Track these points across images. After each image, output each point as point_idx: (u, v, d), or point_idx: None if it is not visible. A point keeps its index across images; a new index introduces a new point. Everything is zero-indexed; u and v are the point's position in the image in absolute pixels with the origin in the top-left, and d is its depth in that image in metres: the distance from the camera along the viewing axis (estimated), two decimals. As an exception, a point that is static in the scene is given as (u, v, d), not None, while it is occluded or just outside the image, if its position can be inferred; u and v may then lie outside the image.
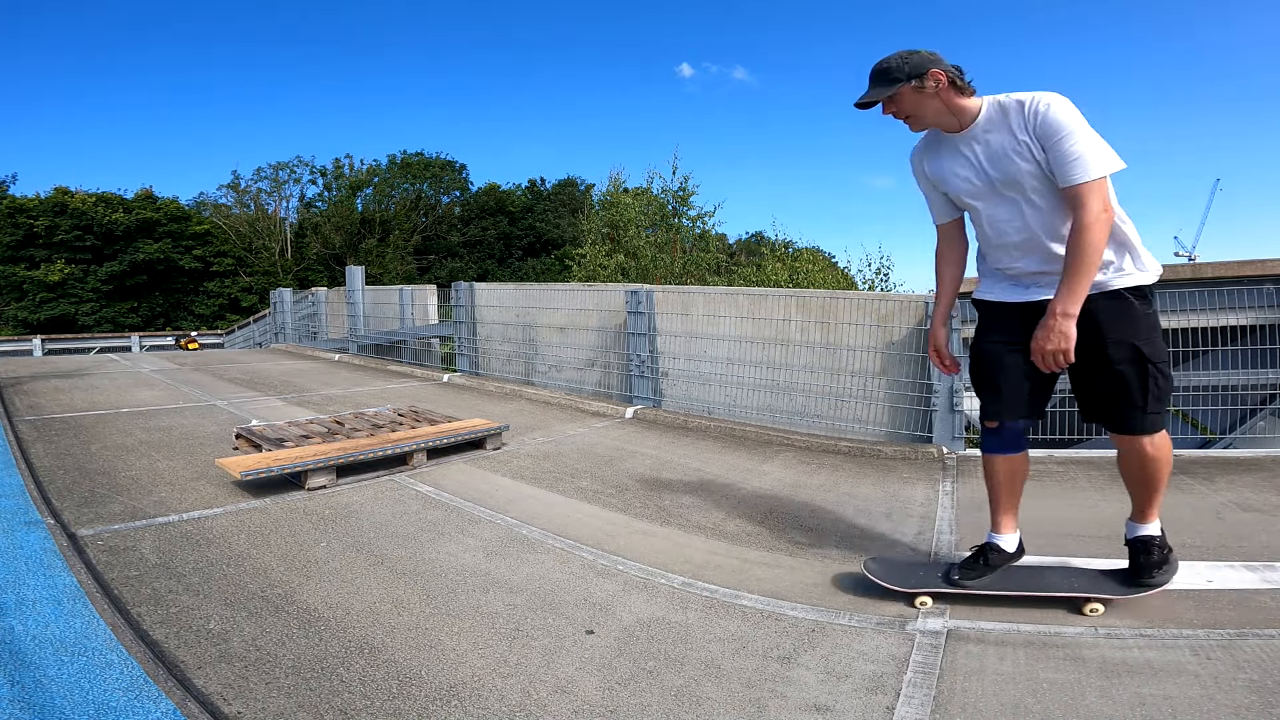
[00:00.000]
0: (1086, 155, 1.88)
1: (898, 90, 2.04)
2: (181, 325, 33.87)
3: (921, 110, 2.08)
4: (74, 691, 1.51)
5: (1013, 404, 2.17)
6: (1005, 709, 1.65)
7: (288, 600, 2.13)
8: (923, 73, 2.01)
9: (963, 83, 2.03)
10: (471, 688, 1.71)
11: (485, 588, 2.30)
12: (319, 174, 43.83)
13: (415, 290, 10.02)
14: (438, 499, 3.24)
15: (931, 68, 2.01)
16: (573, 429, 5.03)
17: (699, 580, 2.43)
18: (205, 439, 4.26)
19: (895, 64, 2.04)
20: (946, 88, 2.02)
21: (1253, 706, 1.61)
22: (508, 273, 43.55)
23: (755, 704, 1.68)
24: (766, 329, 5.68)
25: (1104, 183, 1.90)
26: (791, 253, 19.43)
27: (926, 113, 2.08)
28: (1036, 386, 2.18)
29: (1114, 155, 1.91)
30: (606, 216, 18.37)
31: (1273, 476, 3.61)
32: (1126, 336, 1.99)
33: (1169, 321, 4.62)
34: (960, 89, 2.03)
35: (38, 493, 2.93)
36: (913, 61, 2.03)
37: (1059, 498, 3.42)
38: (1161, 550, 2.17)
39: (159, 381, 6.94)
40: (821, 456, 4.41)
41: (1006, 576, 2.23)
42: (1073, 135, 1.89)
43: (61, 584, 2.03)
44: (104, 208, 34.31)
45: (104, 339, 21.49)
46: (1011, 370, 2.14)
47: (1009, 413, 2.17)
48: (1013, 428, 2.20)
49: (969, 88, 2.04)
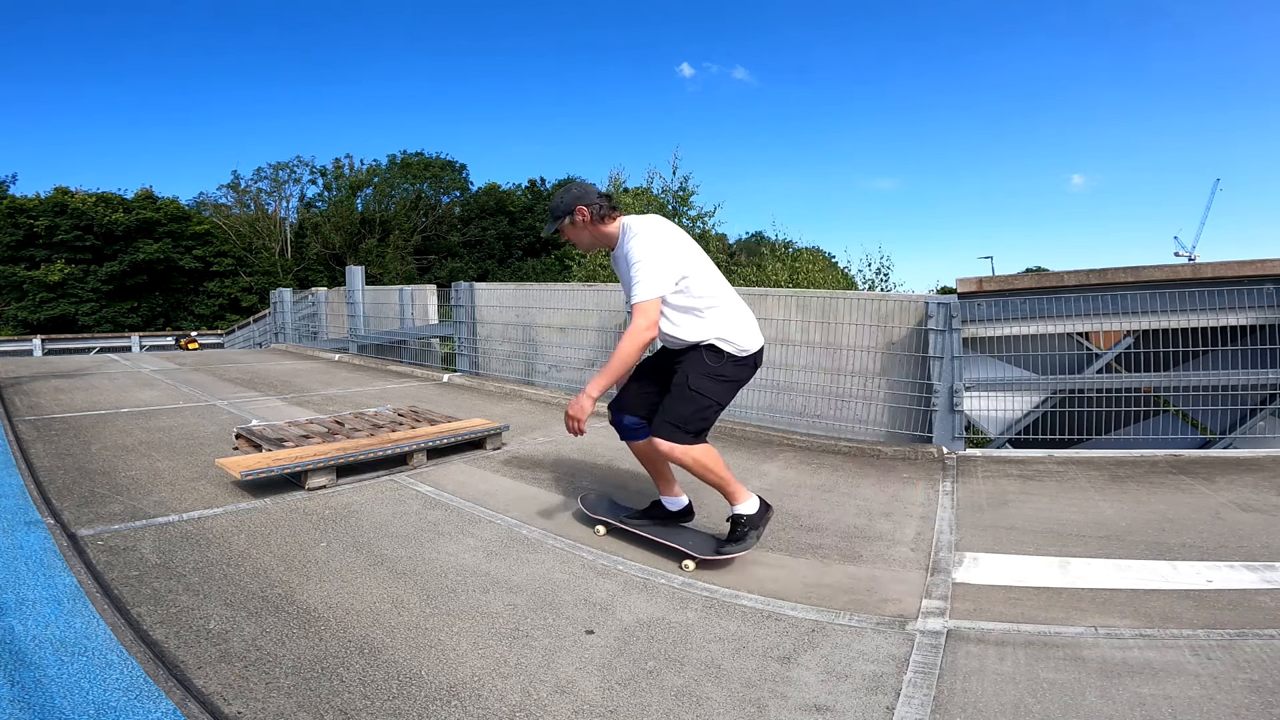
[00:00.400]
0: (640, 283, 2.37)
1: (559, 225, 2.58)
2: (181, 325, 33.86)
3: (578, 238, 2.60)
4: (74, 691, 1.51)
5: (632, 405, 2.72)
6: (1005, 709, 1.65)
7: (288, 600, 2.13)
8: (571, 210, 2.53)
9: (606, 211, 2.52)
10: (471, 688, 1.71)
11: (485, 588, 2.30)
12: (319, 174, 43.87)
13: (415, 290, 10.02)
14: (438, 499, 3.24)
15: (578, 204, 2.52)
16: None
17: (699, 580, 2.43)
18: (205, 439, 4.26)
19: (557, 202, 2.59)
20: (589, 221, 2.52)
21: (1253, 706, 1.61)
22: (508, 273, 43.55)
23: (755, 704, 1.68)
24: (766, 329, 5.62)
25: (649, 304, 2.37)
26: (791, 253, 19.41)
27: (583, 239, 2.60)
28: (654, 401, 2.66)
29: (661, 283, 2.39)
30: (607, 216, 18.31)
31: (1273, 476, 3.61)
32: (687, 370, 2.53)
33: (1169, 321, 4.62)
34: (602, 219, 2.52)
35: (38, 493, 2.93)
36: (565, 200, 2.55)
37: (1059, 498, 3.42)
38: (742, 528, 2.59)
39: (159, 381, 6.94)
40: (821, 456, 4.41)
41: (655, 525, 2.81)
42: (636, 265, 2.39)
43: (61, 584, 2.03)
44: (104, 208, 34.30)
45: (104, 339, 21.48)
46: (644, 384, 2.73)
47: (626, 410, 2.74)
48: (630, 423, 2.73)
49: (612, 215, 2.54)
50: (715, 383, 2.52)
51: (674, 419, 2.49)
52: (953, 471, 4.01)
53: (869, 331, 5.24)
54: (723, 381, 2.54)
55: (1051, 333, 5.12)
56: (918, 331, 5.00)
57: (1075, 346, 5.15)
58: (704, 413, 2.52)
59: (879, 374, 5.20)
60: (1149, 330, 4.78)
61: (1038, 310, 5.06)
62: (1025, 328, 5.13)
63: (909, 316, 5.12)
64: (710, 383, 2.51)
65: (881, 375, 5.19)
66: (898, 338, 5.15)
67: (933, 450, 4.45)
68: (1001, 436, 5.15)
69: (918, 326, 5.01)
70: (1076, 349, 5.15)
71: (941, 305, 4.75)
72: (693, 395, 2.48)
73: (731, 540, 2.57)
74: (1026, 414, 5.09)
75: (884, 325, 5.20)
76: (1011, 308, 5.10)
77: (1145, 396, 4.75)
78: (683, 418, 2.49)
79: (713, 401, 2.52)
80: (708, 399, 2.50)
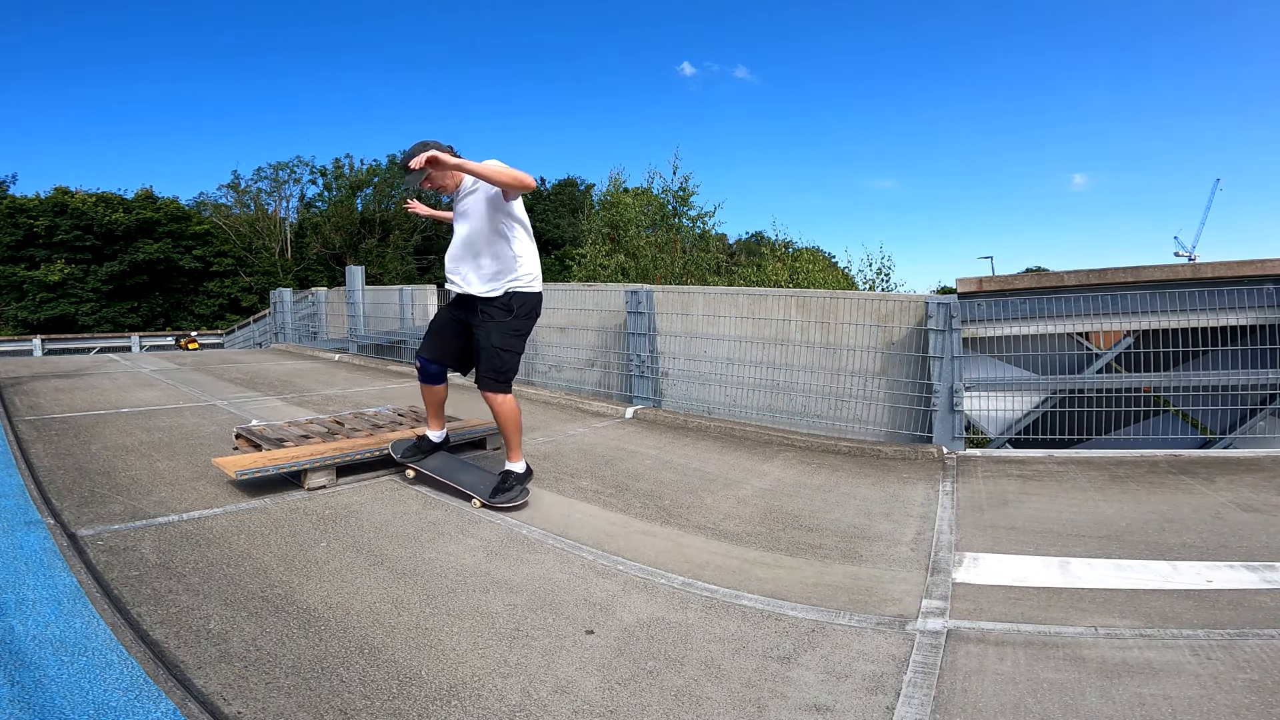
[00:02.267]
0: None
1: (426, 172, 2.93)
2: (181, 325, 33.84)
3: (445, 182, 3.06)
4: (74, 691, 1.51)
5: (435, 351, 3.28)
6: (1005, 709, 1.65)
7: (288, 600, 2.13)
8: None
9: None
10: (471, 688, 1.71)
11: (485, 588, 2.30)
12: (319, 174, 43.78)
13: (415, 290, 10.02)
14: (438, 499, 3.24)
15: (437, 146, 2.90)
16: (573, 429, 5.03)
17: (699, 580, 2.43)
18: (205, 439, 4.26)
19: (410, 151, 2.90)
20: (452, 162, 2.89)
21: (1253, 706, 1.61)
22: (507, 273, 43.46)
23: (755, 704, 1.68)
24: (766, 329, 5.68)
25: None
26: (791, 253, 19.40)
27: (448, 184, 3.06)
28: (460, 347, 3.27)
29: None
30: (606, 216, 18.34)
31: (1273, 476, 3.61)
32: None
33: (1169, 321, 4.62)
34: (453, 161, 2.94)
35: (38, 493, 2.93)
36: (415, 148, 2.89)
37: (1059, 498, 3.42)
38: (510, 481, 3.15)
39: (159, 381, 6.93)
40: (821, 456, 4.41)
41: (444, 466, 3.42)
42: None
43: (61, 584, 2.03)
44: (104, 208, 34.27)
45: (104, 339, 21.49)
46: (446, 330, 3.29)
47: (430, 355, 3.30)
48: (433, 368, 3.32)
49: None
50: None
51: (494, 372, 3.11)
52: (953, 471, 4.01)
53: (869, 331, 5.24)
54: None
55: (1051, 333, 5.12)
56: (918, 331, 5.00)
57: (1075, 346, 5.15)
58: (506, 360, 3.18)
59: (879, 374, 5.20)
60: (1149, 330, 4.78)
61: (1038, 310, 5.06)
62: (1025, 328, 5.13)
63: (909, 316, 5.12)
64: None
65: (881, 375, 5.19)
66: (898, 338, 5.15)
67: (933, 450, 4.45)
68: (1001, 436, 5.15)
69: (918, 326, 5.01)
70: (1076, 349, 5.15)
71: (941, 305, 4.75)
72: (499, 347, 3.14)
73: (504, 489, 3.12)
74: (1026, 414, 5.09)
75: (884, 325, 5.21)
76: (1011, 308, 5.10)
77: (1145, 396, 4.75)
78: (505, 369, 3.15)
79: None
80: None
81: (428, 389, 3.38)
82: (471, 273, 3.10)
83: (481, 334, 3.08)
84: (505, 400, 3.13)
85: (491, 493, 3.10)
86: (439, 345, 3.27)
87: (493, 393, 3.11)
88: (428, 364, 3.30)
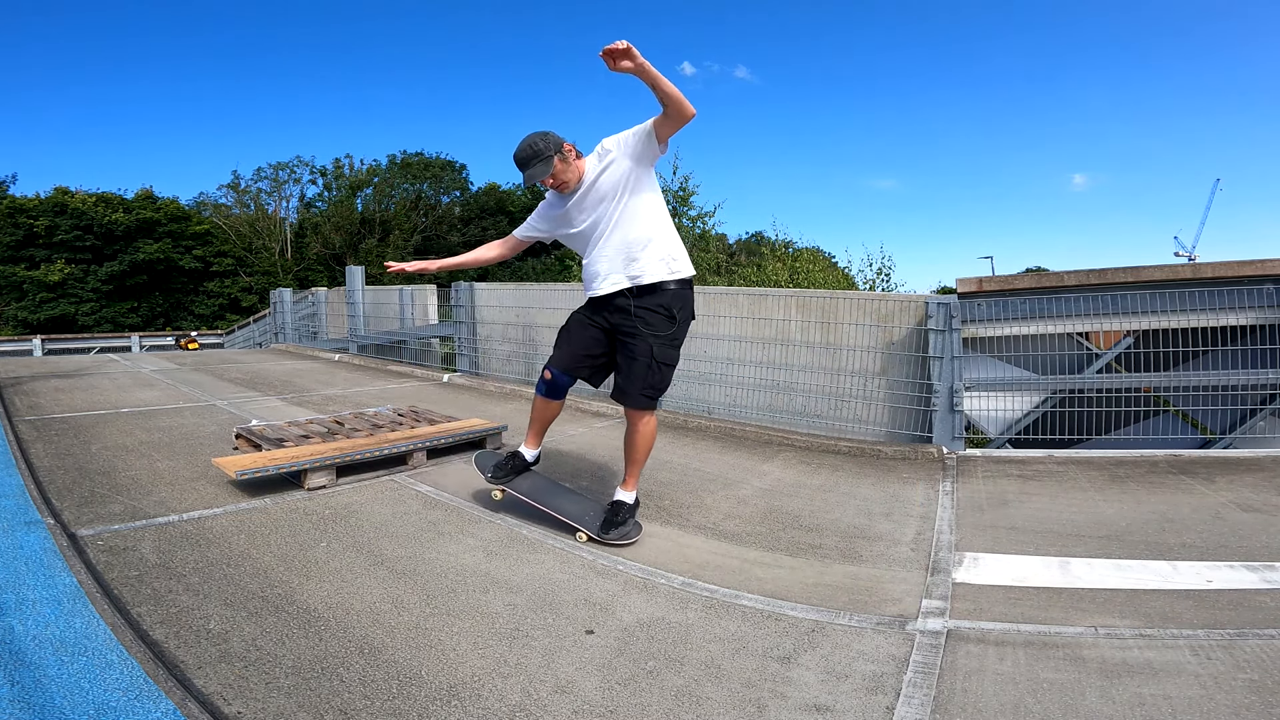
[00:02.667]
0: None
1: (551, 165, 2.62)
2: (181, 325, 33.84)
3: (568, 177, 2.69)
4: (74, 691, 1.51)
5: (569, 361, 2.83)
6: (1005, 709, 1.65)
7: (288, 600, 2.13)
8: (560, 147, 2.64)
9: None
10: (471, 688, 1.71)
11: (485, 588, 2.30)
12: (319, 174, 43.78)
13: (415, 290, 10.02)
14: (438, 499, 3.24)
15: (562, 142, 2.66)
16: (573, 429, 5.02)
17: (699, 580, 2.43)
18: (205, 439, 4.26)
19: (537, 145, 2.63)
20: (576, 156, 2.71)
21: (1253, 706, 1.61)
22: (507, 273, 43.46)
23: (755, 704, 1.68)
24: (766, 329, 5.68)
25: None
26: (791, 253, 19.41)
27: (571, 177, 2.70)
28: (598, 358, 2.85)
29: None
30: (606, 216, 18.30)
31: (1273, 476, 3.61)
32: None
33: (1169, 321, 4.62)
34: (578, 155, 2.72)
35: (38, 493, 2.93)
36: (548, 141, 2.63)
37: (1059, 498, 3.42)
38: (623, 514, 2.79)
39: (159, 381, 6.93)
40: (821, 456, 4.41)
41: (536, 490, 2.96)
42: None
43: (61, 584, 2.03)
44: (104, 208, 34.27)
45: (104, 339, 21.48)
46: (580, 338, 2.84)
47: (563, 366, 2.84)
48: (564, 381, 2.84)
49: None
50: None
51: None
52: (953, 471, 4.01)
53: (869, 331, 5.24)
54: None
55: (1051, 333, 5.12)
56: (918, 331, 5.00)
57: (1075, 346, 5.15)
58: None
59: (879, 374, 5.20)
60: (1149, 330, 4.78)
61: (1038, 310, 5.06)
62: (1025, 328, 5.13)
63: (909, 316, 5.12)
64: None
65: (881, 375, 5.19)
66: (898, 338, 5.15)
67: (933, 450, 4.45)
68: (1001, 436, 5.15)
69: (918, 326, 5.01)
70: (1076, 349, 5.15)
71: (941, 305, 4.75)
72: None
73: (616, 524, 2.77)
74: (1026, 414, 5.09)
75: (884, 325, 5.21)
76: (1011, 308, 5.10)
77: (1145, 396, 4.75)
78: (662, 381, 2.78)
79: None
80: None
81: (546, 403, 2.90)
82: (619, 269, 2.68)
83: (638, 345, 2.67)
84: (651, 421, 2.77)
85: (602, 526, 2.74)
86: (574, 356, 2.82)
87: (644, 411, 2.73)
88: (560, 376, 2.82)
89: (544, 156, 2.61)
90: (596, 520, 2.77)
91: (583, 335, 2.82)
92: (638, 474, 2.85)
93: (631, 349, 2.69)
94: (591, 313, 2.83)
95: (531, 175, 2.64)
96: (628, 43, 2.23)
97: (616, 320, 2.74)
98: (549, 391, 2.86)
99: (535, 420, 2.95)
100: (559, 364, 2.81)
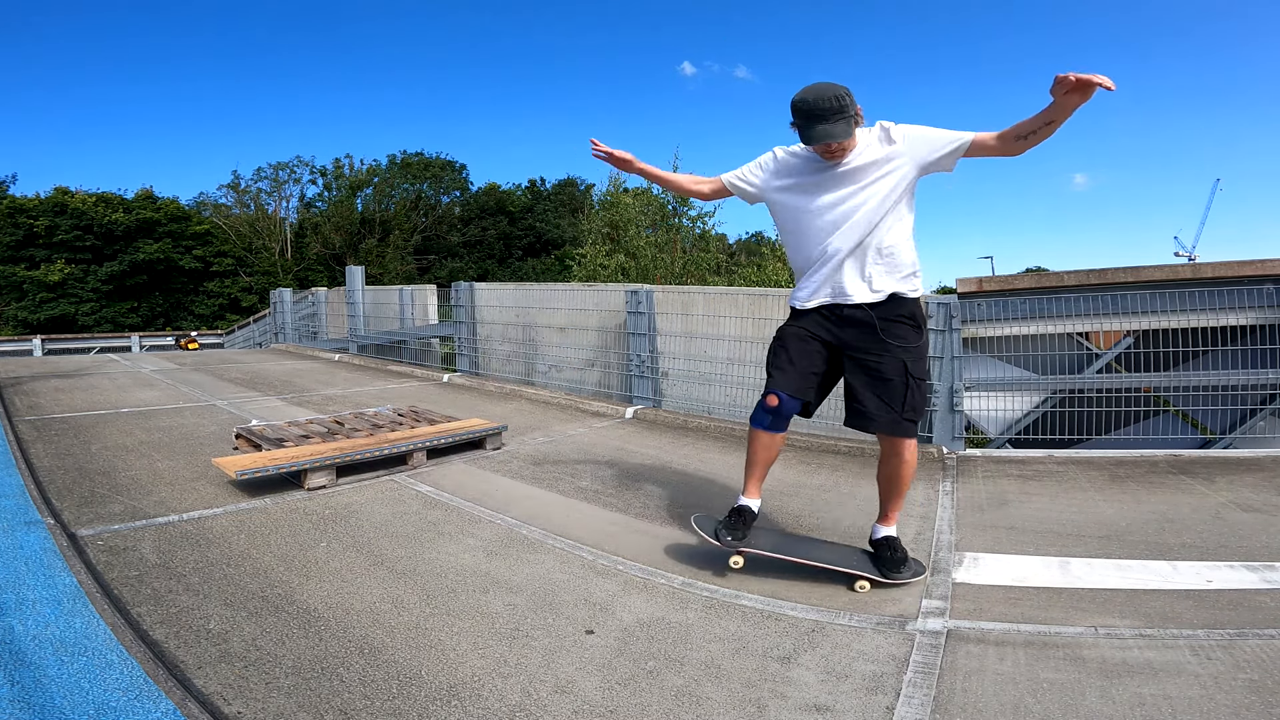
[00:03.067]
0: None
1: (849, 128, 2.19)
2: (181, 325, 33.84)
3: (849, 145, 2.27)
4: (74, 691, 1.51)
5: (798, 384, 2.39)
6: (1005, 709, 1.65)
7: (288, 600, 2.13)
8: (855, 108, 2.19)
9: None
10: (471, 688, 1.71)
11: (485, 588, 2.30)
12: (319, 174, 43.80)
13: (415, 290, 10.02)
14: (437, 499, 3.24)
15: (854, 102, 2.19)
16: (573, 429, 5.03)
17: (699, 580, 2.43)
18: (205, 439, 4.26)
19: (834, 100, 2.16)
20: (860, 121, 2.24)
21: (1253, 706, 1.61)
22: (508, 273, 43.53)
23: (755, 704, 1.68)
24: (766, 329, 5.67)
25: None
26: (791, 253, 19.34)
27: (852, 145, 2.27)
28: (824, 379, 2.45)
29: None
30: (606, 216, 18.35)
31: (1273, 476, 3.61)
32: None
33: (1169, 321, 4.62)
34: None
35: (38, 493, 2.93)
36: (845, 97, 2.17)
37: (1059, 498, 3.42)
38: (899, 550, 2.41)
39: (159, 381, 6.94)
40: (821, 456, 4.41)
41: (786, 544, 2.53)
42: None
43: (61, 584, 2.03)
44: (104, 208, 34.28)
45: (104, 339, 21.47)
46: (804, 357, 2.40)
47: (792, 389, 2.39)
48: (790, 407, 2.39)
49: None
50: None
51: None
52: (953, 471, 4.01)
53: (869, 331, 5.23)
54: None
55: (1051, 333, 5.12)
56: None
57: (1075, 346, 5.15)
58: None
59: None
60: (1149, 330, 4.78)
61: (1038, 310, 5.07)
62: (1025, 328, 5.13)
63: (909, 316, 5.11)
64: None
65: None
66: (898, 338, 5.14)
67: (933, 450, 4.45)
68: (1001, 436, 5.15)
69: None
70: (1076, 349, 5.16)
71: (941, 305, 4.75)
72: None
73: (901, 561, 2.40)
74: (1026, 414, 5.10)
75: (884, 325, 5.19)
76: (1011, 308, 5.10)
77: (1145, 396, 4.75)
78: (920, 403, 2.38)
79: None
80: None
81: (768, 437, 2.42)
82: (856, 276, 2.32)
83: (887, 364, 2.29)
84: (914, 447, 2.36)
85: (889, 567, 2.37)
86: (803, 376, 2.37)
87: (908, 439, 2.33)
88: (790, 401, 2.36)
89: (847, 115, 2.15)
90: (866, 562, 2.41)
91: (804, 351, 2.38)
92: (901, 507, 2.47)
93: (878, 368, 2.29)
94: (811, 326, 2.40)
95: (824, 133, 2.14)
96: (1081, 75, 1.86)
97: (849, 336, 2.34)
98: (774, 424, 2.39)
99: (757, 463, 2.44)
100: (788, 388, 2.34)
